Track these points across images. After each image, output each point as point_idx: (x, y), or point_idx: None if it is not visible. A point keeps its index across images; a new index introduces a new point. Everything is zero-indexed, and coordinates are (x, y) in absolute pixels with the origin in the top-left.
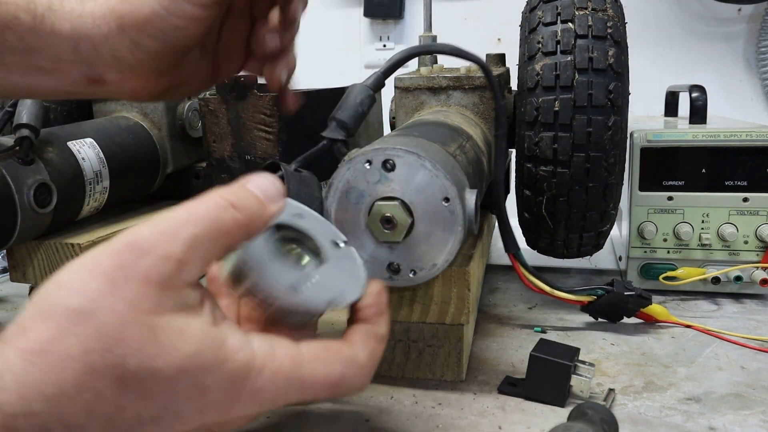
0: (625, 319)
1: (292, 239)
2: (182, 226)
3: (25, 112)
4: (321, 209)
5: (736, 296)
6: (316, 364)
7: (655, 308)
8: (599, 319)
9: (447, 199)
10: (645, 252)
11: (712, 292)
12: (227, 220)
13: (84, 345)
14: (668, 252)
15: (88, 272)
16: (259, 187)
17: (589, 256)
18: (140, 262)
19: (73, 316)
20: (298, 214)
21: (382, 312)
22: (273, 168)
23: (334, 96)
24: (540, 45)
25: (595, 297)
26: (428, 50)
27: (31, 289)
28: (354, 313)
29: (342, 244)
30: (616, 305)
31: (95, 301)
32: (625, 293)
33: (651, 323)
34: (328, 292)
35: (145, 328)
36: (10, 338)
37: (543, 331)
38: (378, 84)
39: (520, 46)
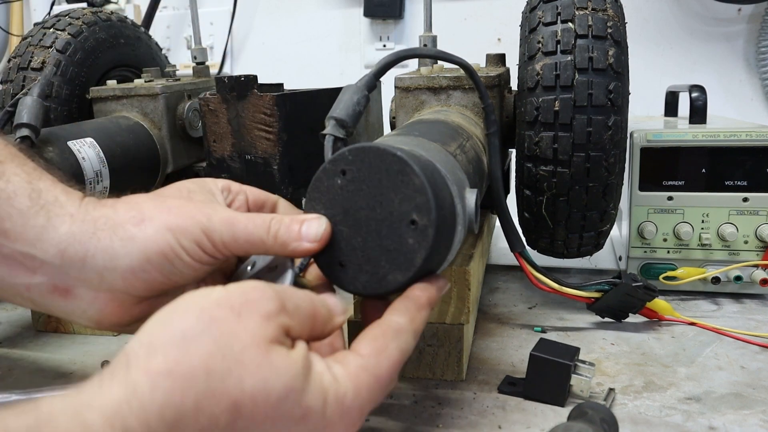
0: (629, 317)
1: None
2: (293, 294)
3: (26, 111)
4: None
5: (736, 296)
6: (380, 359)
7: (660, 303)
8: (605, 318)
9: None
10: (645, 252)
11: (712, 292)
12: (320, 311)
13: (207, 366)
14: (668, 252)
15: (215, 303)
16: (329, 299)
17: (589, 256)
18: (264, 303)
19: (200, 340)
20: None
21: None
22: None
23: (334, 96)
24: (540, 45)
25: (603, 292)
26: (414, 54)
27: None
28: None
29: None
30: (623, 300)
31: (222, 328)
32: (633, 284)
33: (652, 322)
34: None
35: (261, 351)
36: (138, 360)
37: (543, 331)
38: (370, 85)
39: (520, 46)
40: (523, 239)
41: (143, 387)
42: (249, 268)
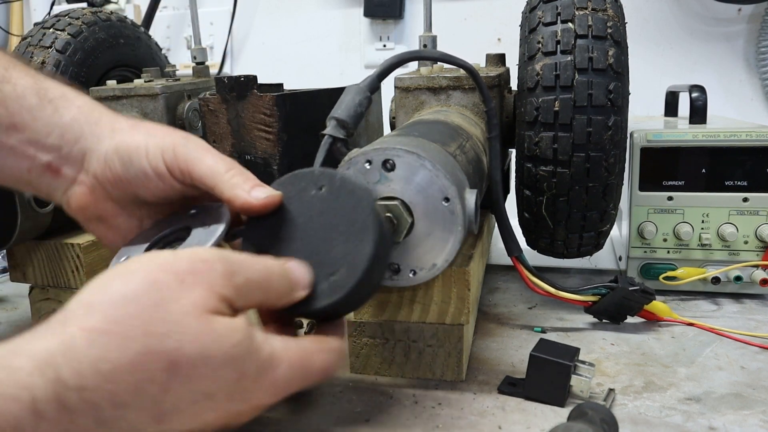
0: (627, 319)
1: None
2: (247, 267)
3: None
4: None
5: (736, 296)
6: (316, 356)
7: (658, 305)
8: (603, 321)
9: (447, 199)
10: (645, 252)
11: (712, 292)
12: (275, 284)
13: (146, 328)
14: (668, 252)
15: (159, 267)
16: (295, 272)
17: (589, 256)
18: (210, 276)
19: (140, 302)
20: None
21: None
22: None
23: (334, 96)
24: (540, 45)
25: (600, 296)
26: (418, 56)
27: (31, 289)
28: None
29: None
30: (620, 303)
31: (163, 292)
32: (630, 288)
33: (652, 322)
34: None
35: (203, 320)
36: (75, 317)
37: (543, 331)
38: (373, 86)
39: (520, 46)
40: (522, 241)
41: (79, 341)
42: (193, 211)
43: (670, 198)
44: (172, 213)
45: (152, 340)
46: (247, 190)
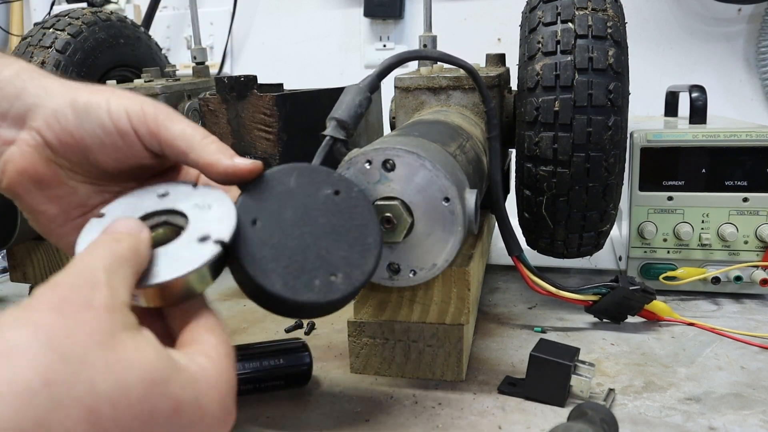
0: (627, 318)
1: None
2: (93, 261)
3: None
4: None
5: (736, 296)
6: (230, 357)
7: (658, 305)
8: (603, 320)
9: (447, 199)
10: (645, 252)
11: (712, 292)
12: (122, 248)
13: (46, 377)
14: (668, 252)
15: (32, 309)
16: (122, 225)
17: (589, 256)
18: (79, 293)
19: (28, 351)
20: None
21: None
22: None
23: (334, 96)
24: (540, 45)
25: (601, 295)
26: (417, 56)
27: (31, 289)
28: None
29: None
30: (621, 303)
31: (50, 332)
32: (630, 288)
33: (652, 322)
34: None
35: (107, 347)
36: None
37: (543, 331)
38: (373, 86)
39: (520, 46)
40: (522, 241)
41: None
42: (162, 191)
43: (670, 198)
44: (131, 191)
45: (58, 390)
46: (229, 156)
